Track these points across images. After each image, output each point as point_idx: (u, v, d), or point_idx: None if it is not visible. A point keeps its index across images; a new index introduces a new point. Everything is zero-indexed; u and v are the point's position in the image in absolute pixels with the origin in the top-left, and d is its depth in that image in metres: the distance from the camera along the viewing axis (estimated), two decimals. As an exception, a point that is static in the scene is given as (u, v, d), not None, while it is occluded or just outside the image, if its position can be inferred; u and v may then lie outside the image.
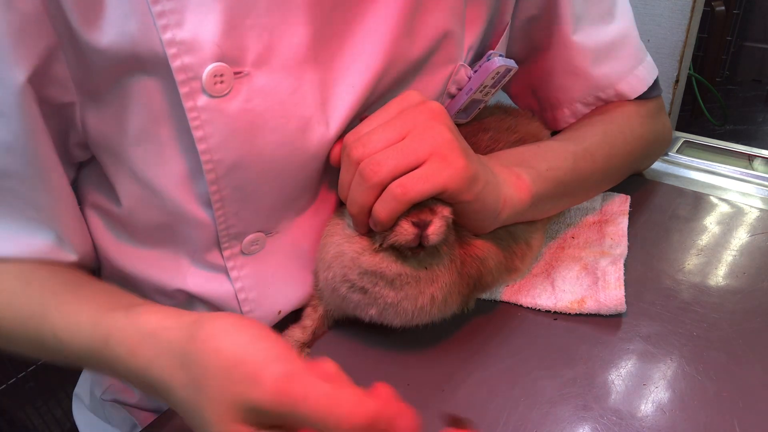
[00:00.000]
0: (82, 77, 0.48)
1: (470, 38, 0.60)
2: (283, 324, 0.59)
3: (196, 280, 0.57)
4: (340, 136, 0.53)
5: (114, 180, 0.54)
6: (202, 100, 0.47)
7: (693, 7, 0.90)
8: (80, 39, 0.46)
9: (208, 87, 0.47)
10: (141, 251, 0.57)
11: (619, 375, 0.54)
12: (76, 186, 0.58)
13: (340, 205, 0.56)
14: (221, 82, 0.47)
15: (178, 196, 0.52)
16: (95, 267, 0.61)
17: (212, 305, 0.58)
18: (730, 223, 0.75)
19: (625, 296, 0.59)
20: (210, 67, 0.46)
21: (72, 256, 0.54)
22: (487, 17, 0.62)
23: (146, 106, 0.49)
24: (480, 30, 0.61)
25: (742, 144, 0.97)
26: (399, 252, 0.50)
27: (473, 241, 0.55)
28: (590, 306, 0.60)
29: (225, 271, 0.56)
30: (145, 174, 0.52)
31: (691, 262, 0.68)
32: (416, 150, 0.48)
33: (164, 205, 0.53)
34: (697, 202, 0.80)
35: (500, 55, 0.61)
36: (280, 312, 0.59)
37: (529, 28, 0.70)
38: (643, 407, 0.51)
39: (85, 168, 0.58)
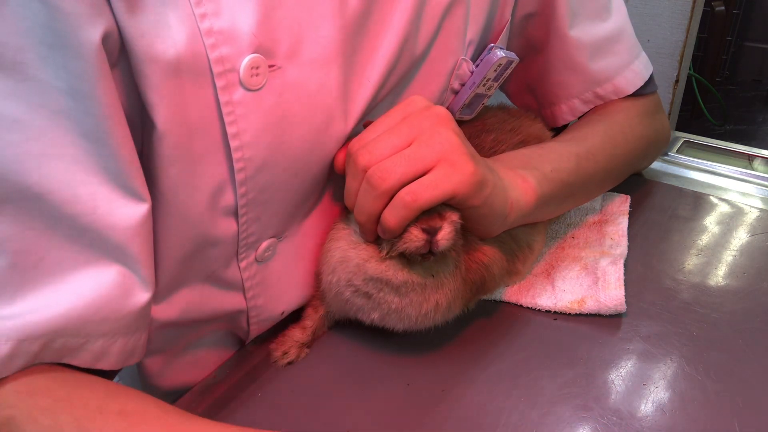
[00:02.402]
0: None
1: (471, 33, 0.60)
2: (284, 324, 0.59)
3: (212, 301, 0.54)
4: (352, 131, 0.53)
5: None
6: (239, 93, 0.46)
7: (693, 7, 0.90)
8: (123, 31, 0.42)
9: (245, 80, 0.45)
10: (157, 306, 0.51)
11: (619, 375, 0.54)
12: None
13: (345, 210, 0.55)
14: (257, 75, 0.46)
15: (205, 214, 0.49)
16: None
17: (220, 319, 0.56)
18: (730, 223, 0.75)
19: (625, 296, 0.59)
20: (247, 59, 0.45)
21: (146, 294, 0.46)
22: (488, 13, 0.62)
23: (181, 117, 0.45)
24: (481, 25, 0.61)
25: (742, 144, 0.97)
26: (406, 259, 0.50)
27: (479, 246, 0.55)
28: (590, 306, 0.60)
29: (240, 283, 0.54)
30: (175, 198, 0.47)
31: (691, 262, 0.68)
32: (424, 156, 0.47)
33: (189, 232, 0.49)
34: (697, 202, 0.80)
35: (500, 48, 0.61)
36: (283, 313, 0.59)
37: (526, 26, 0.70)
38: (643, 407, 0.51)
39: None
